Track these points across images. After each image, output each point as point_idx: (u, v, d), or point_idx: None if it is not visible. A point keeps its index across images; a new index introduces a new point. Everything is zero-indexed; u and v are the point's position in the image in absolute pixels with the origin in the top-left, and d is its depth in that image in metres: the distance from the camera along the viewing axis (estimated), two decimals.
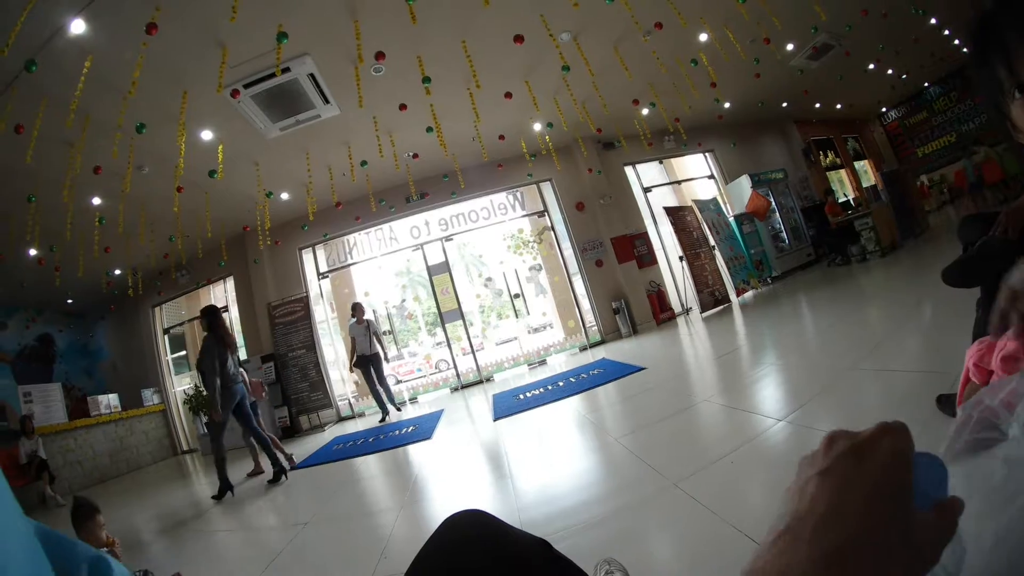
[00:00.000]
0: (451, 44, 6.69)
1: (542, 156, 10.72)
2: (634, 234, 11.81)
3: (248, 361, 11.12)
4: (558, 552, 0.99)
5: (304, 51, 6.18)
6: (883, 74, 14.22)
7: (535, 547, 0.96)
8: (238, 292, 11.96)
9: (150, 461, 11.40)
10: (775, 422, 3.20)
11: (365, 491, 4.94)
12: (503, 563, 0.90)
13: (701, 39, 8.53)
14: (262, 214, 9.38)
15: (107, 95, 5.62)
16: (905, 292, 6.43)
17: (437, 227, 12.01)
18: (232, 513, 5.28)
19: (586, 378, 7.20)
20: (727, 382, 4.84)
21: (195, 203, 8.60)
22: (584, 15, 6.80)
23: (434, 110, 7.51)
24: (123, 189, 6.79)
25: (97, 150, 6.36)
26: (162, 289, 12.34)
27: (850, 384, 3.52)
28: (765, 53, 9.66)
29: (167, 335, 13.20)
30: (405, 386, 12.08)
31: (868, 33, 10.46)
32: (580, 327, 11.79)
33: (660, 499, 2.66)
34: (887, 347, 4.12)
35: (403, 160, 9.42)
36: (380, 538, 3.34)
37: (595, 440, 4.23)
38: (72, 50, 4.99)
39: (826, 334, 5.52)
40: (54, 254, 8.88)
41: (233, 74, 6.08)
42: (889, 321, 5.20)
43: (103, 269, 10.32)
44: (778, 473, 2.58)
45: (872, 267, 9.46)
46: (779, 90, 12.79)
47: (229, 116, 6.96)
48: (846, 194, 17.24)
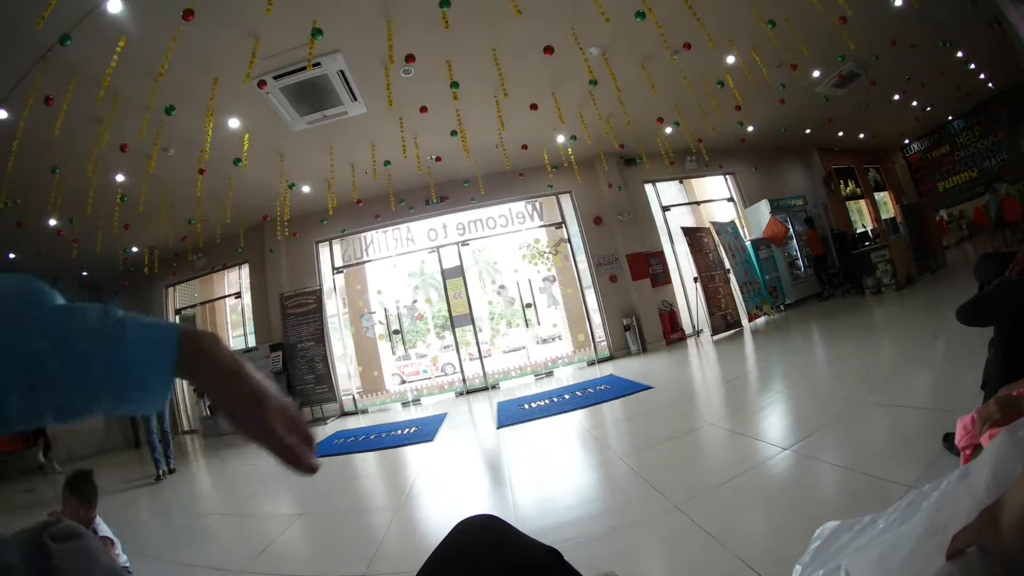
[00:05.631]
0: (481, 51, 6.73)
1: (563, 168, 10.74)
2: (650, 252, 11.78)
3: (256, 348, 11.22)
4: (568, 563, 0.99)
5: (336, 48, 6.23)
6: (908, 105, 14.13)
7: (546, 556, 0.97)
8: (252, 279, 12.07)
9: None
10: (780, 451, 3.20)
11: (363, 488, 4.98)
12: (515, 570, 0.91)
13: (728, 61, 8.52)
14: (282, 205, 9.47)
15: (138, 75, 5.68)
16: (919, 327, 6.40)
17: (454, 231, 12.05)
18: (226, 498, 5.33)
19: (593, 393, 7.19)
20: (734, 407, 4.83)
21: (217, 188, 8.69)
22: (614, 31, 6.83)
23: (460, 115, 7.55)
24: (147, 169, 6.87)
25: (125, 128, 6.44)
26: (177, 270, 12.40)
27: (857, 417, 3.51)
28: (791, 79, 9.64)
29: (178, 316, 13.33)
30: (409, 387, 12.13)
31: (895, 64, 10.41)
32: (590, 341, 11.76)
33: (660, 520, 2.67)
34: (897, 382, 4.12)
35: (426, 162, 9.47)
36: (374, 537, 3.35)
37: (598, 456, 4.23)
38: (107, 28, 5.05)
39: (836, 365, 5.52)
40: (73, 226, 8.96)
41: (264, 65, 6.14)
42: (900, 356, 5.18)
43: (121, 245, 10.41)
44: (780, 503, 2.58)
45: (886, 300, 9.42)
46: (803, 116, 12.74)
47: (257, 106, 7.03)
48: (864, 225, 17.15)
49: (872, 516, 1.06)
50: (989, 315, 2.41)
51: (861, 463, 2.73)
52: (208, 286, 13.53)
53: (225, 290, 13.47)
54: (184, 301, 13.48)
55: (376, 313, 12.80)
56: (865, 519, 1.07)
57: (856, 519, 1.10)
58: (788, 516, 2.42)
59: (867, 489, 2.41)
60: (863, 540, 1.02)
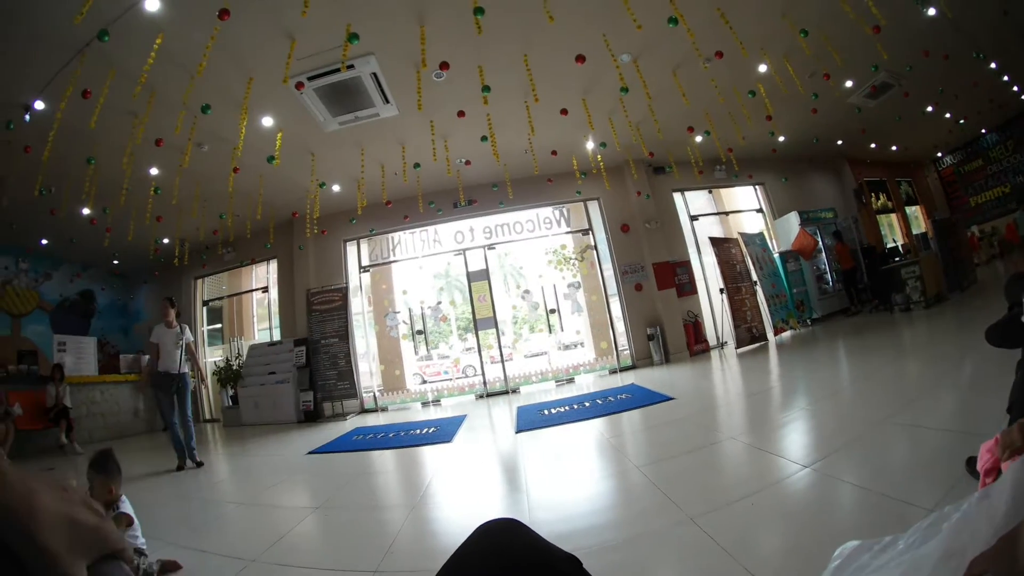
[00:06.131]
0: (513, 57, 6.77)
1: (592, 175, 10.74)
2: (677, 262, 11.73)
3: (281, 343, 11.37)
4: (587, 571, 1.00)
5: (369, 51, 6.32)
6: (941, 117, 13.88)
7: (565, 562, 0.98)
8: (280, 275, 12.29)
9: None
10: (800, 468, 3.17)
11: (379, 485, 5.02)
12: (535, 573, 0.92)
13: (760, 70, 8.47)
14: (312, 203, 9.59)
15: (175, 73, 5.85)
16: (946, 347, 6.32)
17: (481, 234, 12.12)
18: (245, 487, 5.40)
19: (613, 401, 7.16)
20: (755, 422, 4.80)
21: (249, 185, 8.86)
22: (646, 38, 6.83)
23: (490, 119, 7.58)
24: (181, 164, 7.03)
25: (160, 124, 6.60)
26: (206, 263, 12.65)
27: (880, 437, 3.47)
28: (824, 88, 9.56)
29: (206, 307, 13.65)
30: (430, 387, 12.19)
31: (928, 74, 10.26)
32: (612, 349, 11.74)
33: (675, 532, 2.65)
34: (922, 403, 4.06)
35: (455, 165, 9.52)
36: (388, 534, 3.36)
37: (616, 465, 4.21)
38: (145, 25, 5.19)
39: (861, 383, 5.45)
40: (107, 216, 9.18)
41: (299, 66, 6.26)
42: (927, 376, 5.11)
43: (152, 236, 10.62)
44: (798, 521, 2.56)
45: (915, 317, 9.28)
46: (834, 127, 12.59)
47: (291, 106, 7.16)
48: (895, 239, 16.91)
49: (892, 537, 1.06)
50: (1018, 337, 2.37)
51: (882, 484, 2.69)
52: (236, 279, 13.77)
53: (253, 284, 13.73)
54: (212, 293, 13.79)
55: (400, 313, 12.87)
56: (886, 539, 1.07)
57: (876, 540, 1.10)
58: (805, 535, 2.39)
59: (887, 511, 2.38)
60: (882, 561, 1.02)
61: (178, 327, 6.82)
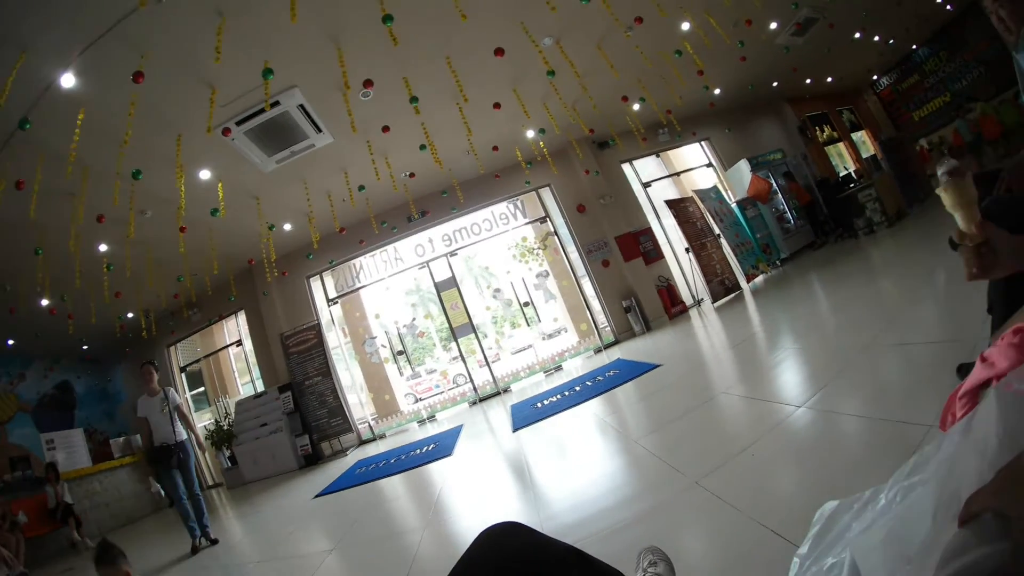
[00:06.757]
0: (435, 61, 6.72)
1: (538, 162, 10.72)
2: (638, 231, 11.74)
3: (266, 392, 11.19)
4: (590, 556, 1.04)
5: (291, 83, 6.22)
6: (870, 42, 14.03)
7: (569, 555, 1.01)
8: (250, 325, 12.03)
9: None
10: (795, 408, 3.17)
11: (389, 513, 4.95)
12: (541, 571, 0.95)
13: (683, 28, 8.49)
14: (267, 247, 9.44)
15: (103, 144, 5.67)
16: (916, 262, 6.39)
17: (441, 243, 12.02)
18: (254, 543, 5.31)
19: (602, 380, 7.17)
20: (744, 371, 4.81)
21: (200, 242, 8.66)
22: (564, 18, 6.80)
23: (426, 128, 7.52)
24: (128, 235, 6.82)
25: (99, 199, 6.40)
26: (175, 328, 12.38)
27: (869, 362, 3.49)
28: (749, 35, 9.60)
29: (184, 373, 13.29)
30: (423, 404, 12.11)
31: (850, 2, 10.37)
32: (593, 329, 11.75)
33: (683, 499, 2.64)
34: (904, 320, 4.09)
35: (400, 180, 9.44)
36: (405, 559, 3.33)
37: (615, 443, 4.20)
38: (64, 103, 5.05)
39: (841, 312, 5.50)
40: (65, 303, 8.95)
41: (224, 113, 6.13)
42: (903, 293, 5.16)
43: (115, 314, 10.40)
44: (799, 462, 2.55)
45: (880, 238, 9.41)
46: (767, 70, 12.70)
47: (225, 154, 7.02)
48: (846, 167, 17.12)
49: (872, 491, 1.02)
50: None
51: (879, 409, 2.69)
52: (209, 339, 13.53)
53: (226, 339, 13.48)
54: (187, 358, 13.45)
55: (378, 337, 12.80)
56: (865, 495, 1.03)
57: (856, 496, 1.06)
58: (809, 476, 2.39)
59: (888, 435, 2.37)
60: (865, 521, 0.97)
61: (162, 392, 6.27)
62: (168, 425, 6.10)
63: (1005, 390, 0.87)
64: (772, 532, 2.00)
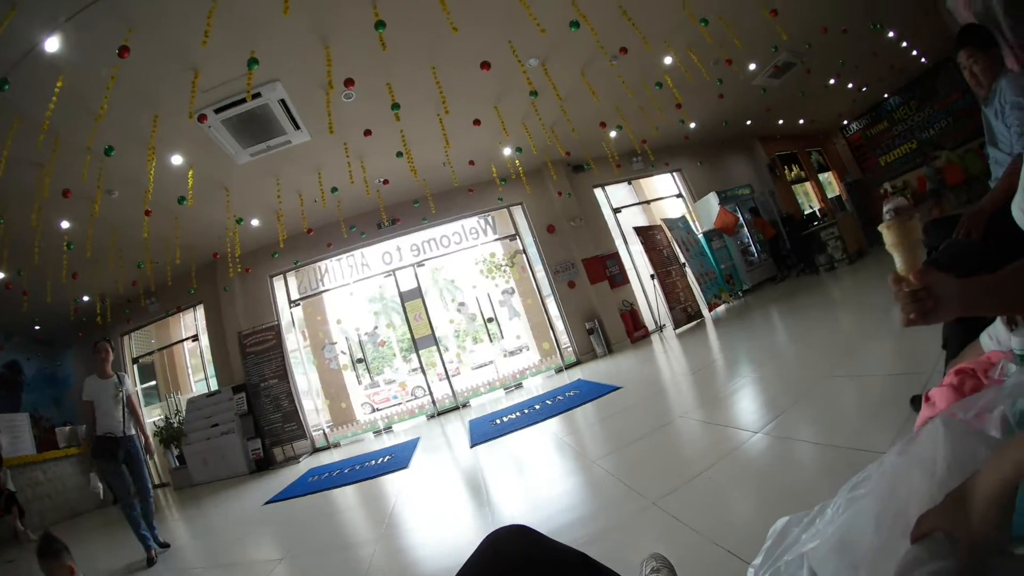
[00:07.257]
0: (421, 70, 6.73)
1: (512, 180, 10.79)
2: (605, 255, 11.88)
3: (219, 392, 10.95)
4: (596, 561, 1.06)
5: (275, 77, 6.15)
6: (843, 88, 14.46)
7: (576, 559, 1.03)
8: (208, 320, 11.75)
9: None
10: (752, 434, 3.23)
11: (341, 523, 4.88)
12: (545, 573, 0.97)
13: (666, 62, 8.68)
14: (232, 241, 9.27)
15: (78, 116, 5.50)
16: (875, 297, 6.54)
17: (409, 253, 11.95)
18: (201, 548, 5.18)
19: (562, 400, 7.18)
20: (703, 397, 4.87)
21: (164, 229, 8.44)
22: (551, 41, 6.88)
23: (404, 136, 7.49)
24: (92, 213, 6.64)
25: (67, 173, 6.21)
26: (131, 317, 11.98)
27: (826, 391, 3.57)
28: (728, 74, 9.84)
29: (136, 364, 12.87)
30: (380, 415, 11.95)
31: (828, 50, 10.66)
32: (555, 349, 11.77)
33: (641, 520, 2.66)
34: (860, 353, 4.22)
35: (374, 186, 9.40)
36: (357, 572, 3.29)
37: (573, 463, 4.21)
38: (45, 68, 4.91)
39: (800, 343, 5.62)
40: (21, 278, 8.64)
41: (204, 98, 6.02)
42: (861, 327, 5.32)
43: (71, 295, 10.09)
44: (755, 485, 2.59)
45: (841, 275, 9.66)
46: (743, 109, 13.00)
47: (200, 141, 6.87)
48: (812, 205, 17.54)
49: (820, 506, 1.09)
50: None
51: (834, 436, 2.76)
52: (164, 331, 13.15)
53: (182, 334, 13.11)
54: (141, 349, 13.03)
55: (338, 343, 12.64)
56: (814, 510, 1.09)
57: (805, 512, 1.12)
58: (764, 498, 2.44)
59: (841, 461, 2.43)
60: (812, 533, 1.03)
61: (115, 376, 5.48)
62: (118, 413, 5.35)
63: (950, 418, 0.95)
64: (728, 552, 2.03)
